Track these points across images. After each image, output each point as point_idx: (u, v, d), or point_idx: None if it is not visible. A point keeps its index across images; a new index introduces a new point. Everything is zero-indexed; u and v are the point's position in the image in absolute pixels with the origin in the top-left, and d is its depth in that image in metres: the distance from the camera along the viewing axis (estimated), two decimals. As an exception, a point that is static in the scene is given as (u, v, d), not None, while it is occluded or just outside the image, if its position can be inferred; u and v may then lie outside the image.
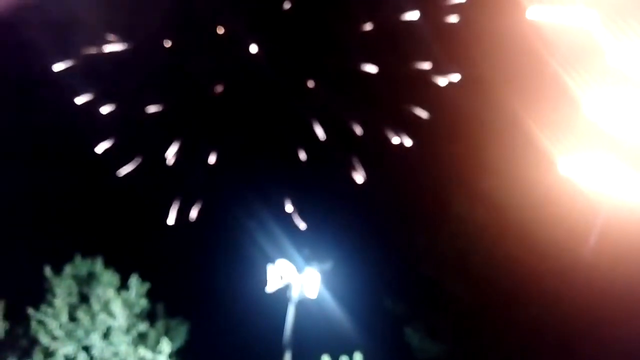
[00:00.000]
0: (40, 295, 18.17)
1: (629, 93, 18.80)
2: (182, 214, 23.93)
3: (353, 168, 24.17)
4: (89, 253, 18.89)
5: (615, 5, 18.41)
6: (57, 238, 21.13)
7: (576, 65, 19.11)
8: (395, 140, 23.98)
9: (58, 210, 22.58)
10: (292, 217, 23.59)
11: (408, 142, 23.81)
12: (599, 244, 18.93)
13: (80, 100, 24.22)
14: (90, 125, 24.18)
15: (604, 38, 18.84)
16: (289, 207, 23.38)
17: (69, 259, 18.68)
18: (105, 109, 24.38)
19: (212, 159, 24.82)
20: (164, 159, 24.72)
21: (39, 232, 21.56)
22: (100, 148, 24.11)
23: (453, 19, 22.56)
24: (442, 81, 23.18)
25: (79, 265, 18.81)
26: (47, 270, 18.31)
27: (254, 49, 25.07)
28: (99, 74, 24.33)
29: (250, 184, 23.32)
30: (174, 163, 24.70)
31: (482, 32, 21.32)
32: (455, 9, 22.63)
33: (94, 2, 23.47)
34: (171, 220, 23.68)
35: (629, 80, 18.69)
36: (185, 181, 24.35)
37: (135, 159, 24.29)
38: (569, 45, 19.39)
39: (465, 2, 22.52)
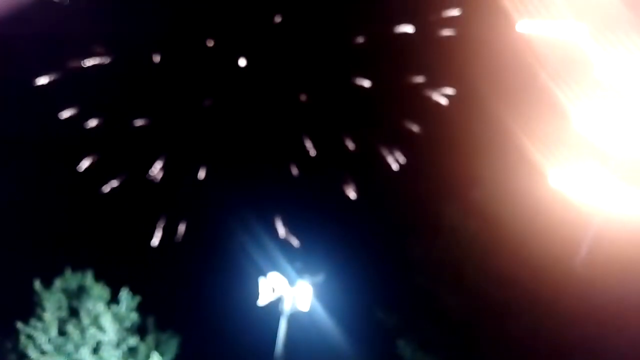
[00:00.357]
0: (30, 309, 18.00)
1: (618, 105, 18.99)
2: (173, 227, 23.82)
3: (345, 182, 24.16)
4: (79, 266, 18.77)
5: (604, 18, 18.62)
6: (46, 251, 20.99)
7: (566, 78, 19.28)
8: (388, 154, 24.02)
9: (48, 223, 22.41)
10: (285, 236, 23.51)
11: (400, 156, 23.88)
12: (590, 255, 18.99)
13: (66, 113, 24.10)
14: (78, 138, 24.06)
15: (594, 51, 19.04)
16: (280, 229, 23.31)
17: (59, 272, 18.56)
18: (92, 123, 24.28)
19: (202, 173, 24.75)
20: (154, 173, 24.62)
21: (28, 246, 21.39)
22: (89, 161, 23.99)
23: (445, 32, 22.74)
24: (434, 94, 23.31)
25: (69, 279, 18.66)
26: (37, 284, 18.14)
27: (242, 62, 25.07)
28: (84, 88, 24.23)
29: (242, 197, 23.25)
30: (165, 177, 24.61)
31: (473, 46, 21.48)
32: (446, 23, 22.83)
33: (81, 15, 23.45)
34: (160, 235, 23.54)
35: (618, 92, 18.88)
36: (176, 195, 24.26)
37: (126, 172, 24.18)
38: (559, 58, 19.57)
39: (456, 17, 22.72)
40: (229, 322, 20.78)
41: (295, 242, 23.16)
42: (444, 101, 23.14)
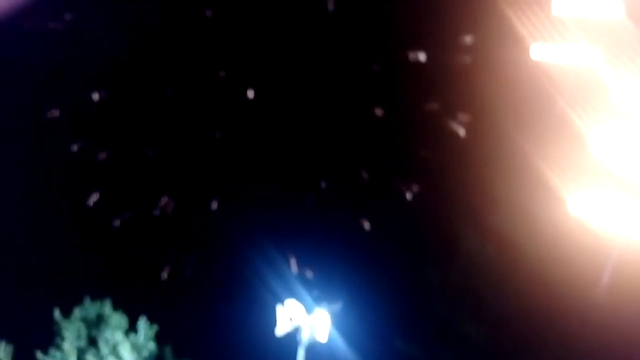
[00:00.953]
0: (49, 338, 18.13)
1: (636, 130, 18.87)
2: (189, 258, 23.89)
3: (361, 210, 24.04)
4: (97, 295, 18.92)
5: (619, 43, 18.63)
6: (65, 281, 21.17)
7: (583, 103, 19.25)
8: (403, 182, 23.91)
9: (66, 252, 22.65)
10: (298, 270, 23.39)
11: (416, 184, 23.80)
12: (612, 283, 18.71)
13: (78, 146, 24.40)
14: (91, 170, 24.33)
15: (609, 76, 19.02)
16: (293, 264, 23.22)
17: (78, 301, 18.72)
18: (102, 155, 24.54)
19: (214, 204, 24.79)
20: (166, 204, 24.76)
21: (46, 276, 21.61)
22: (102, 193, 24.17)
23: (459, 59, 22.84)
24: (450, 121, 23.29)
25: (88, 308, 18.81)
26: (56, 313, 18.30)
27: (250, 94, 25.22)
28: (93, 120, 24.54)
29: (257, 227, 23.27)
30: (178, 208, 24.72)
31: (488, 71, 21.55)
32: (460, 49, 22.95)
33: (91, 45, 23.91)
34: (172, 267, 23.55)
35: (636, 117, 18.79)
36: (190, 225, 24.34)
37: (139, 204, 24.34)
38: (575, 83, 19.57)
39: (470, 44, 22.84)
40: (246, 352, 20.66)
41: (308, 273, 23.05)
42: (460, 127, 23.14)
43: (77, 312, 18.63)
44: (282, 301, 17.73)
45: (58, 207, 23.57)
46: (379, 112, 24.36)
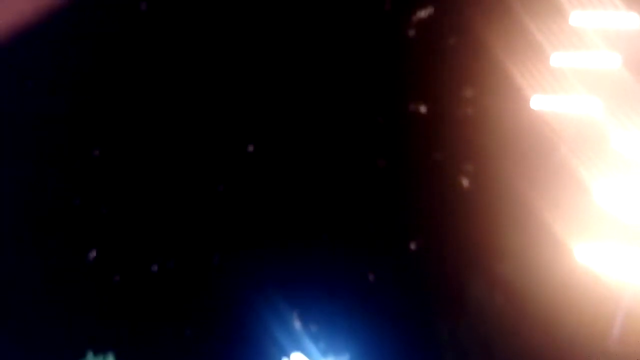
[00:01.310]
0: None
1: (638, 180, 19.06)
2: (191, 310, 23.59)
3: (366, 264, 23.90)
4: (100, 350, 18.56)
5: (618, 92, 19.02)
6: (67, 335, 20.84)
7: (586, 152, 19.50)
8: (409, 231, 23.87)
9: (67, 306, 22.36)
10: (305, 323, 23.09)
11: (422, 234, 23.73)
12: (623, 333, 18.52)
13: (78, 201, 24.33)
14: (94, 225, 24.24)
15: (610, 125, 19.35)
16: (298, 318, 22.93)
17: (80, 356, 18.36)
18: (104, 210, 24.42)
19: (216, 258, 24.60)
20: (170, 258, 24.58)
21: (48, 330, 21.28)
22: (103, 248, 23.99)
23: (461, 111, 23.20)
24: (454, 172, 23.44)
25: (90, 363, 18.47)
26: (57, 369, 17.92)
27: (250, 148, 25.28)
28: (95, 174, 24.57)
29: (261, 279, 23.07)
30: (181, 261, 24.52)
31: (489, 123, 21.89)
32: (463, 102, 23.33)
33: (91, 97, 24.19)
34: (176, 319, 23.21)
35: (638, 165, 19.00)
36: (192, 279, 24.13)
37: (141, 258, 24.15)
38: (577, 132, 19.88)
39: (472, 96, 23.21)
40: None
41: (314, 326, 22.72)
42: (464, 178, 23.29)
43: (79, 367, 18.25)
44: (287, 354, 17.47)
45: (58, 261, 23.39)
46: (382, 163, 24.50)
